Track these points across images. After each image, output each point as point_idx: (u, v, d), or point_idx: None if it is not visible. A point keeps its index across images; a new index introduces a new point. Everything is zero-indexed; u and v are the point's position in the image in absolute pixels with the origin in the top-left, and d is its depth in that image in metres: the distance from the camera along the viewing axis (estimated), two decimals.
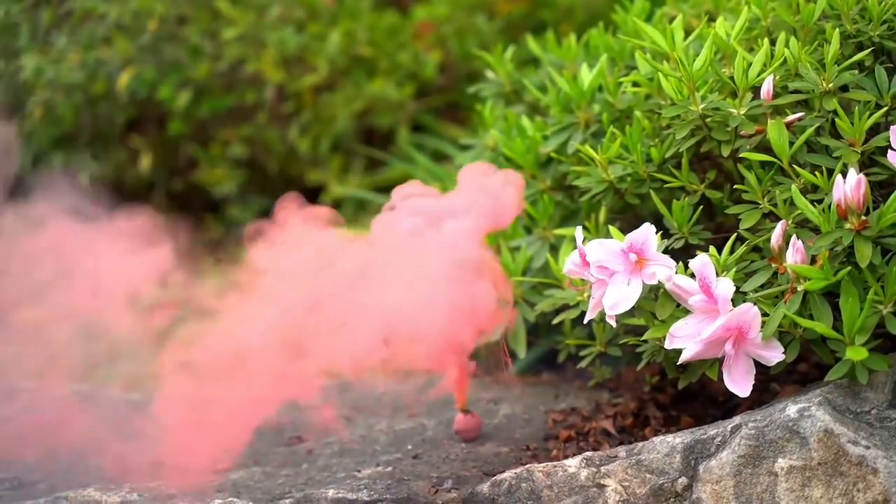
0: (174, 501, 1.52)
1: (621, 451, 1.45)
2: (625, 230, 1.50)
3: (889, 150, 1.41)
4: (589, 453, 1.46)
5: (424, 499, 1.48)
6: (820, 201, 1.40)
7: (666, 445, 1.42)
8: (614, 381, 1.80)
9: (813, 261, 1.38)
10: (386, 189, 2.89)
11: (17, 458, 1.62)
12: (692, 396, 1.72)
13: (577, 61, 1.93)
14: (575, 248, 1.51)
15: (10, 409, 1.67)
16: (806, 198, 1.39)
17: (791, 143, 1.45)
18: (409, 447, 1.66)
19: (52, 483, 1.61)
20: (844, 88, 1.51)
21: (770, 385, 1.66)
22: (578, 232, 1.50)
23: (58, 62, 3.11)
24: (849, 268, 1.34)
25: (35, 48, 3.18)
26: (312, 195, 3.00)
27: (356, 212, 2.83)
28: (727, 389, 1.41)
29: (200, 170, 3.12)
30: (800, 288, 1.38)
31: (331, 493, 1.49)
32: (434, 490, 1.49)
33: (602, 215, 1.70)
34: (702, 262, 1.39)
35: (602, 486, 1.43)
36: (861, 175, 1.36)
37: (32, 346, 1.68)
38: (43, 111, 3.19)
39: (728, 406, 1.68)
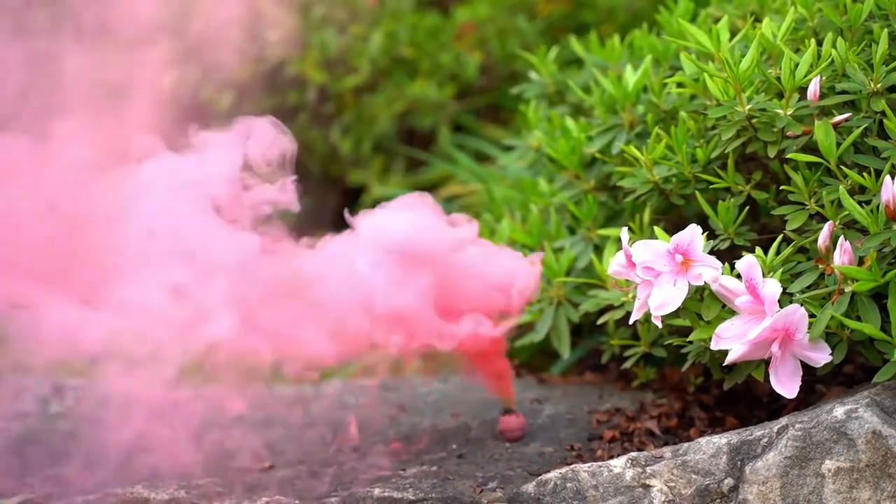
0: (222, 499, 1.53)
1: (667, 451, 1.45)
2: (669, 231, 1.50)
3: None
4: (634, 453, 1.46)
5: (470, 498, 1.48)
6: (868, 202, 1.40)
7: (712, 446, 1.42)
8: (658, 381, 1.80)
9: (861, 262, 1.37)
10: (427, 189, 2.91)
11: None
12: (737, 397, 1.71)
13: (621, 62, 1.93)
14: (620, 248, 1.52)
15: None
16: (853, 199, 1.39)
17: (838, 144, 1.44)
18: (454, 446, 1.67)
19: (100, 480, 1.63)
20: (892, 89, 1.50)
21: (816, 386, 1.65)
22: (624, 233, 1.50)
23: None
24: None
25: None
26: (354, 195, 3.02)
27: None
28: (772, 390, 1.41)
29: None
30: (847, 289, 1.37)
31: (376, 491, 1.50)
32: (479, 490, 1.50)
33: (646, 216, 1.70)
34: (748, 262, 1.39)
35: (647, 487, 1.43)
36: None
37: None
38: None
39: (773, 407, 1.68)
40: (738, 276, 1.40)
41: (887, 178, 1.36)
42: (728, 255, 1.47)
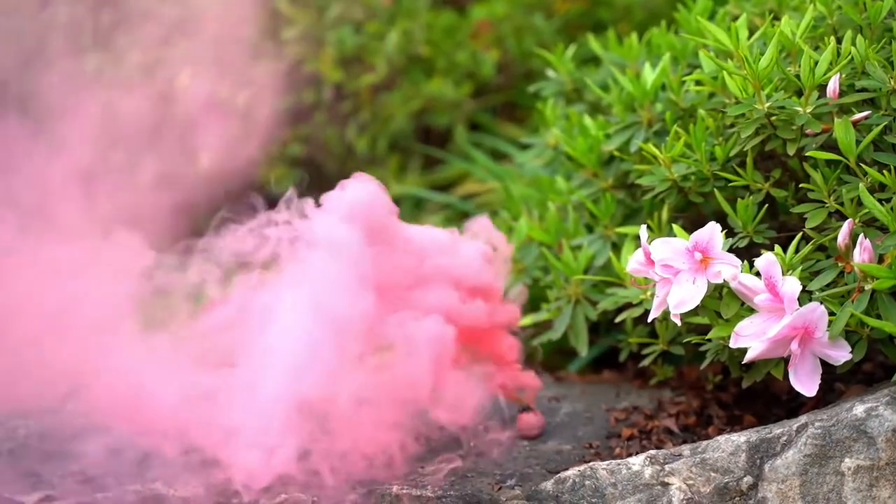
0: (240, 497, 1.54)
1: (685, 449, 1.45)
2: (687, 229, 1.50)
3: None
4: (653, 451, 1.46)
5: (488, 496, 1.48)
6: (888, 200, 1.40)
7: (731, 444, 1.42)
8: (676, 379, 1.80)
9: (881, 260, 1.37)
10: (443, 187, 2.91)
11: None
12: (755, 396, 1.71)
13: (639, 60, 1.93)
14: (638, 246, 1.52)
15: None
16: (873, 196, 1.39)
17: (858, 142, 1.44)
18: (472, 444, 1.67)
19: (118, 477, 1.63)
20: None
21: (835, 385, 1.65)
22: (643, 231, 1.50)
23: (119, 62, 3.15)
24: None
25: (97, 48, 3.22)
26: None
27: (414, 210, 2.85)
28: (791, 388, 1.41)
29: (258, 169, 3.14)
30: (867, 287, 1.37)
31: (395, 489, 1.50)
32: (498, 487, 1.50)
33: (664, 214, 1.70)
34: (768, 260, 1.39)
35: (666, 485, 1.43)
36: None
37: None
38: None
39: (791, 405, 1.68)
40: (758, 274, 1.40)
41: None
42: (746, 254, 1.47)
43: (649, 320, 1.53)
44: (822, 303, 1.36)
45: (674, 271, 1.45)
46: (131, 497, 1.56)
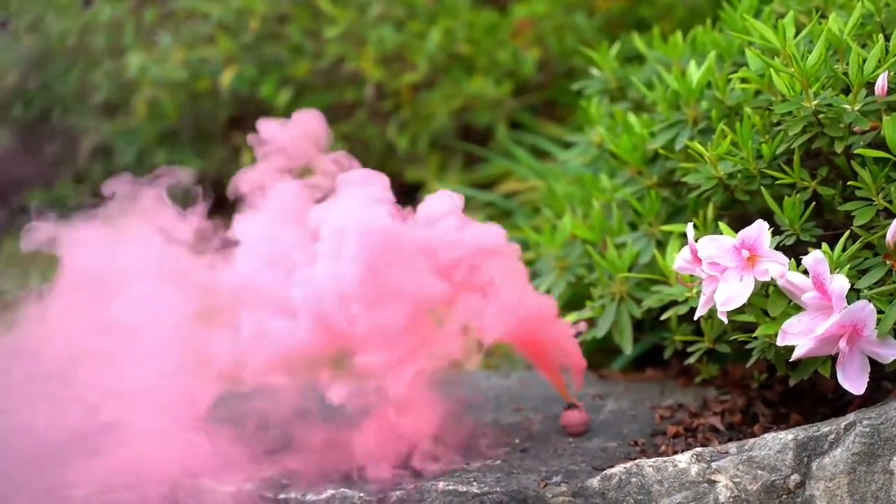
0: (288, 491, 1.55)
1: (732, 447, 1.45)
2: (732, 227, 1.50)
3: None
4: (699, 449, 1.46)
5: (534, 492, 1.49)
6: None
7: (778, 442, 1.42)
8: (720, 377, 1.80)
9: None
10: (484, 185, 2.92)
11: None
12: (801, 394, 1.71)
13: (683, 58, 1.93)
14: (683, 244, 1.52)
15: None
16: None
17: None
18: (517, 441, 1.67)
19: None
20: None
21: (882, 383, 1.64)
22: (690, 228, 1.50)
23: (162, 60, 3.18)
24: None
25: (140, 46, 3.25)
26: (411, 193, 3.03)
27: None
28: (837, 387, 1.40)
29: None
30: None
31: (441, 485, 1.51)
32: (544, 484, 1.50)
33: (710, 212, 1.70)
34: (815, 258, 1.38)
35: (713, 482, 1.43)
36: None
37: None
38: (147, 108, 3.26)
39: (838, 404, 1.67)
40: (805, 272, 1.40)
41: None
42: (791, 252, 1.47)
43: (695, 318, 1.53)
44: (870, 301, 1.36)
45: (721, 269, 1.44)
46: (178, 492, 1.57)
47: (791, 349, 1.40)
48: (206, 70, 3.17)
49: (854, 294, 1.40)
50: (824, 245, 1.42)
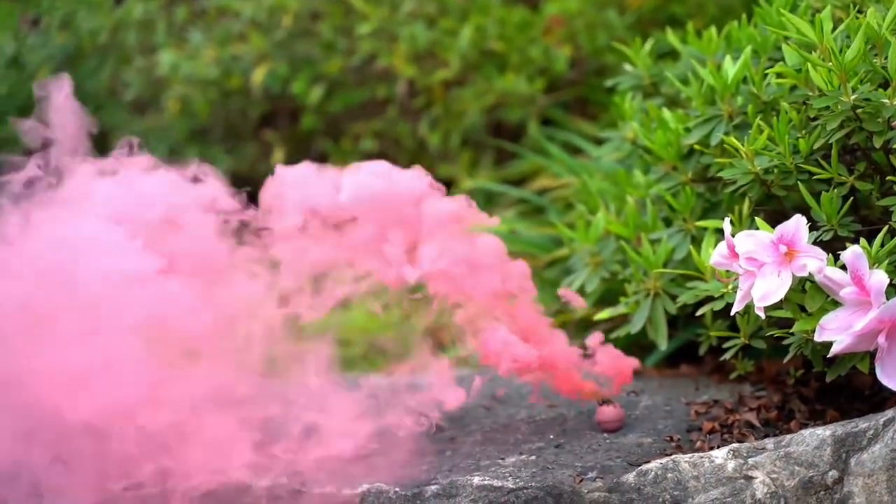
0: (322, 485, 1.55)
1: (769, 443, 1.44)
2: (768, 222, 1.50)
3: None
4: (736, 445, 1.46)
5: (570, 487, 1.49)
6: None
7: (816, 438, 1.41)
8: (756, 373, 1.79)
9: None
10: (517, 182, 2.92)
11: None
12: (837, 390, 1.70)
13: (718, 54, 1.92)
14: (719, 239, 1.51)
15: None
16: None
17: None
18: (552, 436, 1.67)
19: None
20: None
21: None
22: (727, 223, 1.49)
23: (194, 58, 3.19)
24: None
25: (171, 44, 3.27)
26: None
27: (486, 204, 2.85)
28: (873, 383, 1.40)
29: (332, 164, 3.17)
30: None
31: (476, 479, 1.51)
32: (579, 479, 1.50)
33: (745, 207, 1.69)
34: (854, 253, 1.37)
35: (750, 478, 1.42)
36: None
37: None
38: (179, 105, 3.27)
39: (874, 400, 1.66)
40: (843, 267, 1.39)
41: None
42: (828, 248, 1.46)
43: (732, 313, 1.52)
44: None
45: (758, 264, 1.44)
46: (214, 486, 1.58)
47: (828, 345, 1.39)
48: (238, 68, 3.18)
49: (893, 290, 1.39)
50: (862, 240, 1.41)
